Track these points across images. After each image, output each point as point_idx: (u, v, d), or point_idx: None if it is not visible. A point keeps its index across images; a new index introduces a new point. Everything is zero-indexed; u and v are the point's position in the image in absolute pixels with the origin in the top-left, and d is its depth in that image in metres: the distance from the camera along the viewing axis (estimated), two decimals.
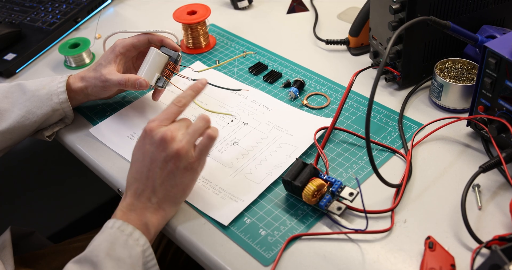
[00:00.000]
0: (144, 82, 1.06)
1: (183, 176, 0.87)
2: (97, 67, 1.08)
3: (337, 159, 1.00)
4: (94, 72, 1.08)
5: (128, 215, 0.85)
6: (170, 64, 1.11)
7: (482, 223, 0.86)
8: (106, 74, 1.06)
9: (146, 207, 0.86)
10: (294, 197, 0.94)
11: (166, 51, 1.11)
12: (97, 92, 1.09)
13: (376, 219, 0.89)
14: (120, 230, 0.83)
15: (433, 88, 1.07)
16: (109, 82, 1.06)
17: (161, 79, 1.10)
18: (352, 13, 1.40)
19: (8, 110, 1.07)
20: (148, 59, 1.09)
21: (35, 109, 1.06)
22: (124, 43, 1.10)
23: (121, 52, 1.09)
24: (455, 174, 0.95)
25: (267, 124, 1.08)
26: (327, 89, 1.16)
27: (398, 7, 1.02)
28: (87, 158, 1.08)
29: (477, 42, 1.02)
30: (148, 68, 1.09)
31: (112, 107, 1.17)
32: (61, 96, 1.07)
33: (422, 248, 0.83)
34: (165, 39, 1.11)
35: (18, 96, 1.08)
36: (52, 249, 1.25)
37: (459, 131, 1.03)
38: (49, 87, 1.08)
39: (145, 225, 0.85)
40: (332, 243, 0.86)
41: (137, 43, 1.11)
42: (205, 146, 0.88)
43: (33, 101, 1.06)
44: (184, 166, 0.86)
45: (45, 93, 1.07)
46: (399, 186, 0.92)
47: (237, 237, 0.88)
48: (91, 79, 1.08)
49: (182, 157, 0.85)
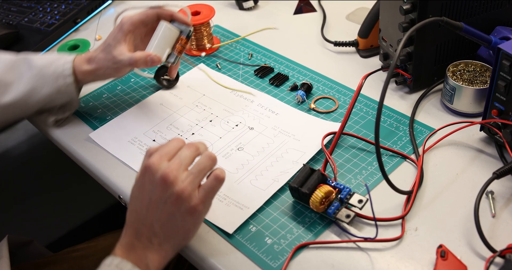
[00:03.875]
0: (156, 57, 1.04)
1: (185, 220, 0.83)
2: (106, 47, 1.07)
3: (345, 165, 1.00)
4: (104, 54, 1.07)
5: (128, 255, 0.83)
6: (182, 39, 1.09)
7: (496, 231, 0.86)
8: (118, 55, 1.05)
9: (147, 247, 0.83)
10: (301, 204, 0.94)
11: (177, 26, 1.09)
12: (109, 74, 1.09)
13: (386, 227, 0.89)
14: (119, 268, 0.80)
15: (445, 92, 1.07)
16: (121, 63, 1.05)
17: (172, 55, 1.08)
18: (361, 13, 1.40)
19: (12, 83, 1.07)
20: (157, 34, 1.07)
21: (40, 88, 1.07)
22: (132, 20, 1.07)
23: (129, 30, 1.07)
24: (468, 181, 0.95)
25: (273, 129, 1.09)
26: (336, 92, 1.17)
27: (409, 7, 1.02)
28: (87, 164, 1.09)
29: (491, 43, 1.02)
30: (157, 43, 1.07)
31: (113, 111, 1.18)
32: (67, 79, 1.07)
33: (434, 257, 0.83)
34: (176, 13, 1.09)
35: (24, 70, 1.07)
36: (51, 258, 1.25)
37: (472, 136, 1.03)
38: (55, 66, 1.07)
39: (145, 265, 0.82)
40: (340, 251, 0.87)
41: (146, 19, 1.08)
42: (212, 188, 0.84)
43: (39, 78, 1.06)
44: (186, 210, 0.82)
45: (51, 73, 1.07)
46: (410, 193, 0.92)
47: (242, 245, 0.89)
48: (102, 61, 1.07)
49: (184, 200, 0.81)
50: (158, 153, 0.84)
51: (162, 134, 1.11)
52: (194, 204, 0.82)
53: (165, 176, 0.81)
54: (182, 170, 0.82)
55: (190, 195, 0.82)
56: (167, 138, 1.10)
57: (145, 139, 1.10)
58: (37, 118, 1.16)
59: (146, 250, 0.83)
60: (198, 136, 1.09)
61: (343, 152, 1.03)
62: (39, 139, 2.11)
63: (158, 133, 1.11)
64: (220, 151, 1.05)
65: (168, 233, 0.83)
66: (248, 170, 1.01)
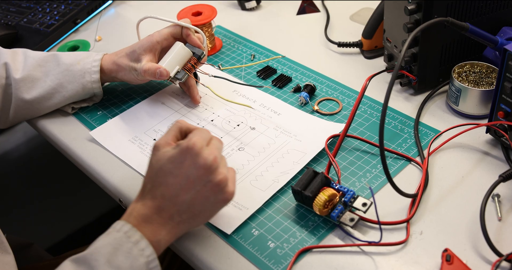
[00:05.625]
0: (164, 71, 1.10)
1: (215, 206, 0.86)
2: (131, 53, 1.14)
3: (349, 168, 1.01)
4: (127, 59, 1.14)
5: (142, 226, 0.83)
6: (193, 59, 1.14)
7: (502, 235, 0.86)
8: (134, 63, 1.12)
9: (165, 223, 0.84)
10: (305, 208, 0.94)
11: (190, 48, 1.14)
12: (130, 78, 1.16)
13: (390, 230, 0.90)
14: (127, 235, 0.81)
15: (451, 93, 1.07)
16: (134, 70, 1.12)
17: (181, 72, 1.13)
18: (365, 14, 1.41)
19: (40, 79, 1.15)
20: (172, 51, 1.13)
21: (66, 83, 1.14)
22: (161, 32, 1.14)
23: (158, 41, 1.13)
24: (474, 183, 0.95)
25: (274, 129, 1.09)
26: (339, 94, 1.17)
27: (413, 7, 1.02)
28: (87, 167, 1.09)
29: (497, 44, 1.03)
30: (170, 60, 1.12)
31: (113, 113, 1.18)
32: (93, 75, 1.15)
33: (439, 261, 0.84)
34: (193, 36, 1.14)
35: (52, 66, 1.15)
36: (51, 262, 1.25)
37: (478, 138, 1.03)
38: (84, 63, 1.15)
39: (157, 241, 0.83)
40: (344, 256, 0.87)
41: (174, 31, 1.14)
42: (234, 180, 0.88)
43: (66, 75, 1.14)
44: (222, 197, 0.85)
45: (78, 69, 1.14)
46: (415, 196, 0.93)
47: (245, 249, 0.89)
48: (124, 65, 1.14)
49: (222, 188, 0.84)
50: (199, 136, 0.85)
51: (163, 133, 1.11)
52: (229, 194, 0.85)
53: (211, 160, 0.83)
54: (220, 159, 0.86)
55: (228, 185, 0.85)
56: None
57: (145, 138, 1.11)
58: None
59: (163, 226, 0.84)
60: None
61: (347, 154, 1.03)
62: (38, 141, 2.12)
63: (159, 132, 1.12)
64: None
65: (193, 215, 0.85)
66: (248, 170, 1.02)
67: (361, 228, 0.90)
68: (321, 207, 0.88)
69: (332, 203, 0.89)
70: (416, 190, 0.94)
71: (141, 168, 1.05)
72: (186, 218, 0.85)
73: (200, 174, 0.83)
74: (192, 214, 0.85)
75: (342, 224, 0.89)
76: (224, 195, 0.85)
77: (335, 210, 0.88)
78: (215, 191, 0.84)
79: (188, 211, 0.85)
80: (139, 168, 1.05)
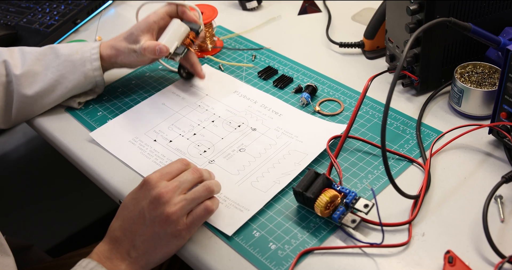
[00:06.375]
0: (164, 47, 1.11)
1: (168, 241, 0.86)
2: (129, 35, 1.15)
3: (351, 169, 1.01)
4: (125, 41, 1.14)
5: (103, 262, 0.85)
6: (191, 34, 1.16)
7: (505, 236, 0.86)
8: (133, 43, 1.13)
9: (123, 259, 0.86)
10: (306, 209, 0.95)
11: (187, 23, 1.16)
12: (131, 61, 1.17)
13: (392, 232, 0.90)
14: None
15: (453, 94, 1.08)
16: (134, 51, 1.13)
17: (181, 47, 1.15)
18: (367, 14, 1.41)
19: (40, 73, 1.14)
20: (169, 29, 1.15)
21: (68, 74, 1.14)
22: (157, 12, 1.16)
23: (154, 21, 1.14)
24: (476, 185, 0.95)
25: (276, 130, 1.09)
26: (341, 94, 1.17)
27: (416, 8, 1.02)
28: (87, 168, 1.09)
29: (500, 45, 1.03)
30: (168, 36, 1.14)
31: (114, 114, 1.18)
32: (94, 63, 1.15)
33: (441, 263, 0.83)
34: (188, 12, 1.16)
35: (51, 59, 1.15)
36: (51, 264, 1.25)
37: (481, 139, 1.03)
38: (82, 52, 1.15)
39: None
40: (346, 257, 0.87)
41: (169, 10, 1.16)
42: (199, 217, 0.88)
43: (66, 65, 1.14)
44: (171, 232, 0.86)
45: (78, 59, 1.14)
46: (417, 198, 0.93)
47: (246, 251, 0.89)
48: (123, 48, 1.14)
49: (171, 223, 0.85)
50: (160, 171, 0.89)
51: (164, 134, 1.11)
52: (180, 229, 0.86)
53: (160, 194, 0.85)
54: (178, 194, 0.87)
55: (178, 219, 0.86)
56: (169, 138, 1.10)
57: (146, 139, 1.11)
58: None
59: (122, 261, 0.86)
60: (199, 136, 1.10)
61: (348, 155, 1.03)
62: (38, 142, 2.12)
63: (159, 133, 1.12)
64: (221, 152, 1.06)
65: (148, 250, 0.86)
66: (249, 171, 1.02)
67: (362, 230, 0.90)
68: (323, 208, 0.88)
69: (334, 204, 0.89)
70: (418, 192, 0.95)
71: (141, 170, 1.05)
72: (142, 254, 0.86)
73: (151, 208, 0.85)
74: (147, 250, 0.86)
75: (344, 226, 0.89)
76: (173, 228, 0.85)
77: (336, 211, 0.88)
78: (164, 225, 0.85)
79: (143, 247, 0.86)
80: (139, 169, 1.05)
